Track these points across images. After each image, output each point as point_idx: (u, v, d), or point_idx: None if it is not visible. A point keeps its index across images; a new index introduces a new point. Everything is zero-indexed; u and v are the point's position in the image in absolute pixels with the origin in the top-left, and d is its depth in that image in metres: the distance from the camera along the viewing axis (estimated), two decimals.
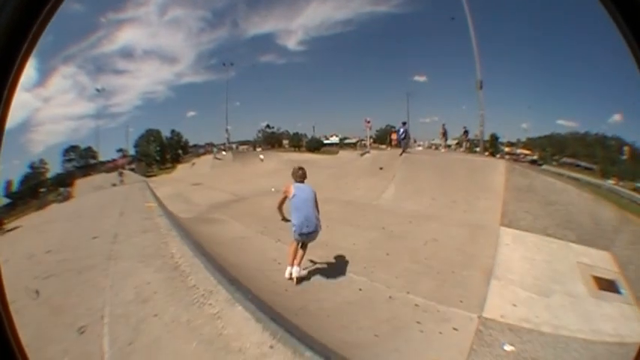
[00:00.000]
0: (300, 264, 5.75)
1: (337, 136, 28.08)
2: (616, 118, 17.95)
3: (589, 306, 5.30)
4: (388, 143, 24.48)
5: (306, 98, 28.77)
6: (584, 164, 19.24)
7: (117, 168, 23.14)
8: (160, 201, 11.31)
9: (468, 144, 19.54)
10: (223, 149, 25.63)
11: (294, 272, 5.66)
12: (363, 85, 29.53)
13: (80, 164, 22.89)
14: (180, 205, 12.98)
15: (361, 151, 19.48)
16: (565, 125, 20.64)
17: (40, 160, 20.56)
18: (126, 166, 23.82)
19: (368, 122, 22.58)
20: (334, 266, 6.38)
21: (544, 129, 22.30)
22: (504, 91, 21.07)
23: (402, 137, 16.16)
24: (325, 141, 27.85)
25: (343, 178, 13.13)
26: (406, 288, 5.46)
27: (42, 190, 19.18)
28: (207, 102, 28.00)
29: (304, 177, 5.83)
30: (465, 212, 8.74)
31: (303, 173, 5.83)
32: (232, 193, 14.57)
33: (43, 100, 20.29)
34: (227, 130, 25.83)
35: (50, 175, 20.77)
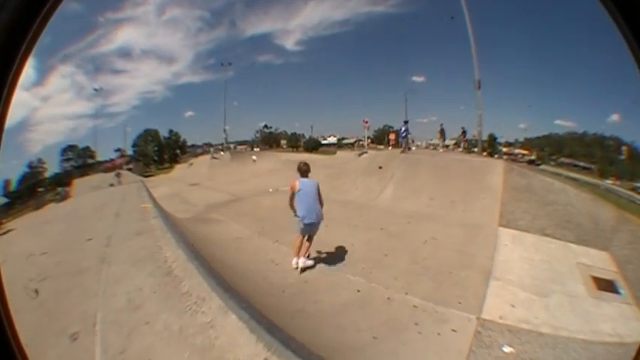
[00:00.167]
0: (305, 255, 6.23)
1: (335, 137, 28.10)
2: (614, 118, 18.03)
3: (588, 306, 5.27)
4: (386, 143, 24.49)
5: (303, 98, 28.85)
6: (582, 164, 19.29)
7: (115, 168, 23.09)
8: (156, 202, 11.22)
9: (466, 144, 19.56)
10: (221, 149, 25.59)
11: (300, 263, 6.15)
12: (361, 85, 29.61)
13: (78, 164, 22.87)
14: (177, 206, 12.96)
15: (359, 152, 19.46)
16: (563, 125, 20.73)
17: (38, 160, 20.57)
18: (124, 166, 23.79)
19: (366, 122, 22.62)
20: (332, 267, 6.36)
21: (542, 129, 22.39)
22: (502, 92, 21.17)
23: (404, 135, 16.22)
24: (323, 141, 27.85)
25: (341, 178, 13.10)
26: (404, 289, 5.43)
27: (40, 190, 19.12)
28: (205, 102, 28.06)
29: (308, 172, 6.31)
30: (464, 212, 8.70)
31: (307, 169, 6.32)
32: (230, 194, 14.54)
33: (42, 100, 20.28)
34: (225, 130, 25.82)
35: (48, 175, 20.79)
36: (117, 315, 4.01)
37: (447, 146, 19.71)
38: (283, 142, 28.47)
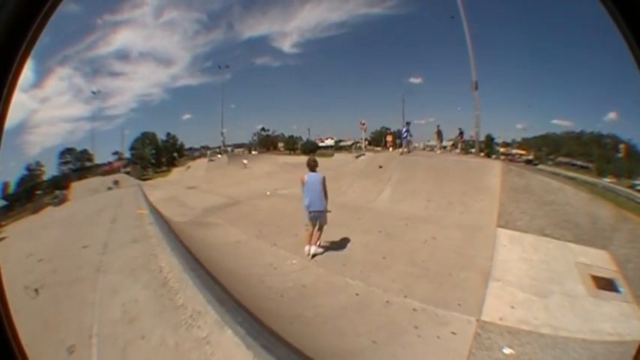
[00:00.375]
0: (316, 243, 6.91)
1: (332, 139, 28.08)
2: (611, 117, 18.03)
3: (588, 306, 5.25)
4: (383, 145, 24.51)
5: (301, 101, 28.70)
6: (579, 163, 19.33)
7: (113, 171, 23.03)
8: (153, 206, 11.17)
9: (463, 145, 19.58)
10: (218, 152, 25.55)
11: (312, 250, 6.84)
12: (358, 87, 29.57)
13: (76, 167, 22.77)
14: (174, 209, 12.89)
15: (356, 154, 19.47)
16: (560, 125, 20.72)
17: (37, 162, 20.44)
18: (121, 169, 23.70)
19: (363, 124, 22.61)
20: (331, 270, 6.32)
21: (539, 129, 22.39)
22: (499, 92, 21.13)
23: (404, 136, 16.28)
24: (320, 144, 27.84)
25: (339, 181, 13.03)
26: (403, 292, 5.40)
27: (38, 193, 19.04)
28: (202, 105, 27.92)
29: (316, 167, 7.04)
30: (462, 214, 8.67)
31: (314, 164, 7.08)
32: (227, 197, 14.49)
33: (40, 102, 20.15)
34: (222, 133, 25.78)
35: (46, 178, 20.67)
36: (113, 327, 3.96)
37: (445, 147, 19.73)
38: (281, 145, 28.43)
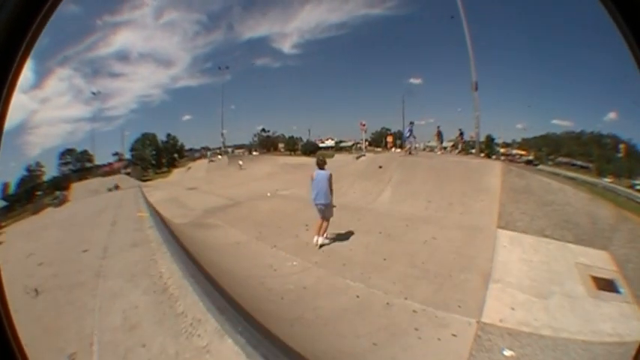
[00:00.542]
0: (323, 234, 7.53)
1: (333, 140, 28.07)
2: (611, 116, 18.00)
3: (588, 306, 5.25)
4: (384, 146, 24.51)
5: (301, 101, 28.74)
6: (580, 163, 19.31)
7: (113, 172, 23.02)
8: (154, 208, 11.16)
9: (463, 145, 19.57)
10: (219, 153, 25.55)
11: (319, 240, 7.46)
12: (359, 88, 29.54)
13: (76, 168, 22.74)
14: (175, 210, 12.90)
15: (357, 154, 19.47)
16: (560, 125, 20.69)
17: (37, 163, 20.39)
18: (122, 170, 23.69)
19: (363, 125, 22.61)
20: (331, 272, 6.33)
21: (539, 129, 22.35)
22: (499, 92, 21.10)
23: (407, 136, 16.32)
24: (321, 144, 27.82)
25: (339, 182, 12.98)
26: (404, 294, 5.39)
27: (38, 193, 19.04)
28: (202, 106, 27.91)
29: (324, 164, 7.76)
30: (462, 214, 8.67)
31: (322, 162, 7.82)
32: (227, 198, 14.49)
33: (40, 102, 20.12)
34: (222, 134, 25.77)
35: (46, 178, 20.63)
36: (113, 335, 3.93)
37: (445, 148, 19.73)
38: (281, 146, 28.44)
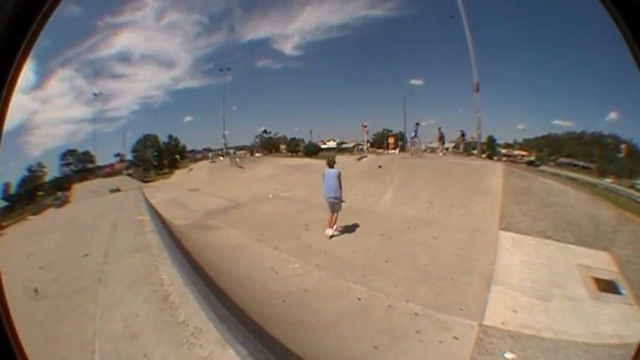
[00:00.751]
0: (333, 227, 8.32)
1: (334, 141, 28.04)
2: (612, 116, 17.90)
3: (589, 308, 5.24)
4: (385, 147, 24.49)
5: (302, 103, 28.63)
6: (581, 163, 19.22)
7: (115, 173, 23.00)
8: (154, 212, 11.14)
9: (465, 146, 19.51)
10: (220, 155, 25.55)
11: (329, 232, 8.26)
12: (360, 89, 29.37)
13: (78, 168, 22.68)
14: (176, 212, 12.92)
15: (358, 156, 19.43)
16: (561, 125, 20.58)
17: (38, 164, 20.32)
18: (123, 171, 23.68)
19: (365, 126, 22.56)
20: (333, 275, 6.34)
21: (541, 129, 22.25)
22: (501, 93, 20.97)
23: (413, 137, 16.39)
24: (322, 146, 27.80)
25: None
26: (405, 296, 5.40)
27: (39, 194, 19.05)
28: (204, 107, 27.81)
29: (333, 164, 8.64)
30: (464, 216, 8.66)
31: (332, 162, 8.71)
32: (229, 199, 14.48)
33: (41, 103, 20.09)
34: (224, 136, 25.77)
35: (48, 179, 20.60)
36: (115, 343, 3.92)
37: (447, 149, 19.70)
38: (283, 147, 28.43)
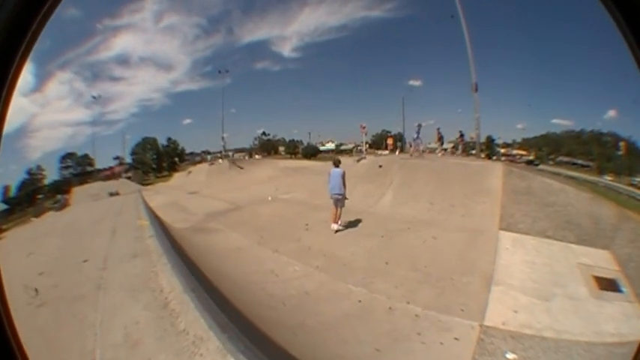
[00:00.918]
0: (337, 222, 8.89)
1: (333, 143, 28.04)
2: (611, 114, 17.92)
3: (591, 307, 5.24)
4: (384, 148, 24.50)
5: (301, 104, 28.62)
6: (580, 162, 19.23)
7: (114, 176, 23.00)
8: (153, 216, 11.12)
9: (464, 147, 19.51)
10: (220, 157, 25.55)
11: (334, 227, 8.82)
12: (358, 90, 29.38)
13: (77, 171, 22.66)
14: (176, 215, 12.88)
15: (357, 157, 19.40)
16: (560, 124, 20.58)
17: (37, 167, 20.26)
18: (123, 174, 23.67)
19: (363, 128, 22.56)
20: (333, 277, 6.33)
21: (539, 129, 22.27)
22: (499, 92, 20.96)
23: (415, 137, 16.46)
24: (321, 147, 27.80)
25: None
26: (406, 298, 5.39)
27: (39, 197, 19.03)
28: (203, 109, 27.78)
29: (339, 164, 9.42)
30: (464, 217, 8.65)
31: (337, 162, 9.50)
32: (228, 202, 14.43)
33: (40, 106, 20.06)
34: (223, 138, 25.76)
35: (47, 182, 20.57)
36: (115, 352, 3.90)
37: (446, 150, 19.70)
38: (281, 149, 28.43)
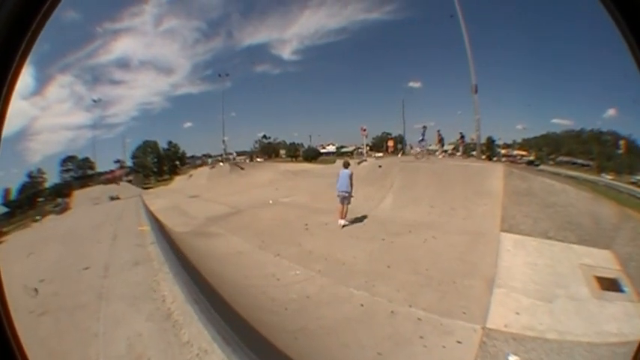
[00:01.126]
0: (344, 217, 9.48)
1: (334, 145, 28.06)
2: (610, 113, 17.92)
3: (592, 307, 5.24)
4: (384, 150, 24.52)
5: (301, 107, 28.68)
6: (580, 161, 19.21)
7: (114, 179, 23.00)
8: (154, 221, 11.11)
9: (464, 148, 19.48)
10: (220, 160, 25.57)
11: (341, 222, 9.39)
12: (358, 93, 29.44)
13: (78, 175, 22.69)
14: (176, 219, 12.87)
15: (358, 160, 19.39)
16: (560, 124, 20.58)
17: (38, 170, 20.28)
18: (123, 178, 23.69)
19: (364, 130, 22.58)
20: (334, 281, 6.32)
21: (539, 129, 22.26)
22: (499, 93, 20.95)
23: (420, 140, 16.51)
24: (322, 150, 27.81)
25: None
26: (408, 301, 5.39)
27: (40, 200, 19.03)
28: (203, 113, 27.83)
29: (348, 165, 10.32)
30: (465, 219, 8.64)
31: (347, 163, 10.47)
32: (229, 206, 14.42)
33: (41, 109, 20.10)
34: (224, 141, 25.79)
35: (48, 185, 20.58)
36: None
37: (446, 151, 19.67)
38: (282, 152, 28.46)
